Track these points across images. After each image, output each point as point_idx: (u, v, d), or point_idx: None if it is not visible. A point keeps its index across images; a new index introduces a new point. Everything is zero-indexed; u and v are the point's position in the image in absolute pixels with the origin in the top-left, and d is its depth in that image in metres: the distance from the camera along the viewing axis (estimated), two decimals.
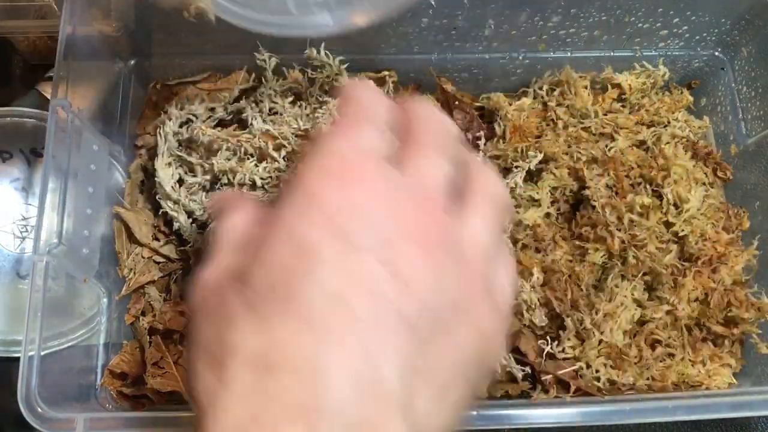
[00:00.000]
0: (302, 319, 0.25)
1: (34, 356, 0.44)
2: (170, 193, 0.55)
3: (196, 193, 0.56)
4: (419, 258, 0.26)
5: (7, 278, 0.58)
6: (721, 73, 0.66)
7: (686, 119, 0.65)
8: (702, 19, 0.62)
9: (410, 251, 0.26)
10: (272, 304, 0.25)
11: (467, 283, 0.28)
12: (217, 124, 0.62)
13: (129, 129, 0.60)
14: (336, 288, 0.25)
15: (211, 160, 0.55)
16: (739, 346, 0.58)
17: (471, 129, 0.64)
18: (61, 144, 0.48)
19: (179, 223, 0.55)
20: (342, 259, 0.25)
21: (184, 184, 0.56)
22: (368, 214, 0.26)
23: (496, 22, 0.61)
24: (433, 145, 0.30)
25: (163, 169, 0.56)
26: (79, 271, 0.51)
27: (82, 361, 0.52)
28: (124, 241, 0.58)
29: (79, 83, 0.50)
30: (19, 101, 0.64)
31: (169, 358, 0.54)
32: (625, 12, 0.60)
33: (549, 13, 0.60)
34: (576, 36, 0.63)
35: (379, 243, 0.26)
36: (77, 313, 0.52)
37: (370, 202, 0.26)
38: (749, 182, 0.63)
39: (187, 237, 0.56)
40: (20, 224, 0.60)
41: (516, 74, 0.67)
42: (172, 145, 0.57)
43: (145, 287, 0.57)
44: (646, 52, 0.65)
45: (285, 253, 0.26)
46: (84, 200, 0.51)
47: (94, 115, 0.53)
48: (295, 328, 0.25)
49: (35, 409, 0.43)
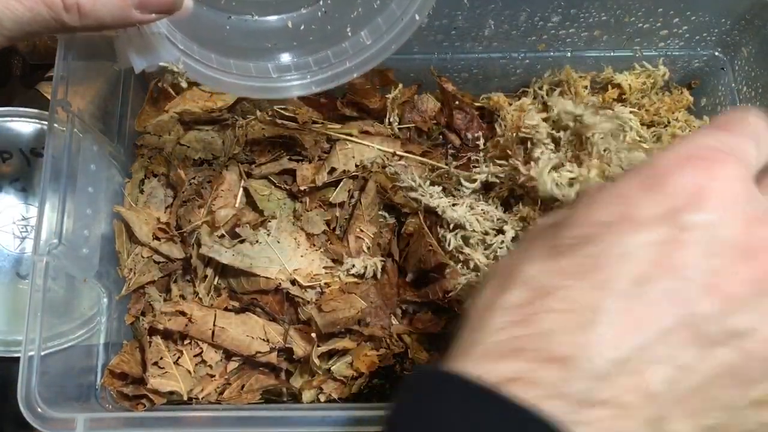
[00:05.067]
0: (594, 269, 0.25)
1: (34, 356, 0.44)
2: None
3: None
4: (747, 278, 0.25)
5: (7, 278, 0.58)
6: (721, 73, 0.66)
7: (686, 119, 0.65)
8: (702, 19, 0.62)
9: (740, 269, 0.25)
10: (575, 249, 0.26)
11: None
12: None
13: (129, 129, 0.60)
14: (642, 264, 0.25)
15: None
16: None
17: (471, 129, 0.64)
18: (61, 144, 0.48)
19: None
20: (663, 241, 0.25)
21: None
22: (712, 208, 0.25)
23: (496, 22, 0.61)
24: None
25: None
26: (79, 271, 0.51)
27: (82, 361, 0.52)
28: (124, 241, 0.58)
29: (79, 83, 0.50)
30: (19, 101, 0.64)
31: (169, 358, 0.54)
32: (625, 12, 0.60)
33: (549, 13, 0.60)
34: (576, 36, 0.63)
35: (709, 242, 0.25)
36: (77, 313, 0.52)
37: (716, 198, 0.25)
38: None
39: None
40: (20, 224, 0.60)
41: (516, 74, 0.67)
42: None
43: (145, 287, 0.57)
44: (646, 52, 0.65)
45: (609, 213, 0.26)
46: (84, 200, 0.51)
47: (94, 115, 0.53)
48: (584, 270, 0.25)
49: (35, 409, 0.43)
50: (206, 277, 0.57)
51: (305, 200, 0.59)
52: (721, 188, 0.25)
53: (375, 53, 0.47)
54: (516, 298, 0.26)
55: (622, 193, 0.27)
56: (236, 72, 0.46)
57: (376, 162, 0.60)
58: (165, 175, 0.60)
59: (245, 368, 0.56)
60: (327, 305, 0.54)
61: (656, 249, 0.25)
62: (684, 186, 0.25)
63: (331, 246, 0.57)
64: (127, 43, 0.41)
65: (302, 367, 0.55)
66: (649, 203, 0.26)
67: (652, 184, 0.26)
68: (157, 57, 0.41)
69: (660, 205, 0.25)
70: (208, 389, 0.54)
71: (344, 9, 0.47)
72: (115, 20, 0.34)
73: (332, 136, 0.61)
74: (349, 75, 0.48)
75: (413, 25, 0.46)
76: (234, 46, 0.46)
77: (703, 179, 0.26)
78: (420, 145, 0.62)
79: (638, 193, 0.26)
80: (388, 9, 0.46)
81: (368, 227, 0.57)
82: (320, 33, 0.47)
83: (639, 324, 0.24)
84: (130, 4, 0.33)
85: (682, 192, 0.25)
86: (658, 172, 0.26)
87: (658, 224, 0.25)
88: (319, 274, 0.56)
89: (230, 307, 0.57)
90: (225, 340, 0.54)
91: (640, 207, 0.26)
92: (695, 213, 0.25)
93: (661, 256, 0.25)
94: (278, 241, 0.57)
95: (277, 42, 0.47)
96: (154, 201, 0.59)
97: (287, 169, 0.60)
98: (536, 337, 0.25)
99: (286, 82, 0.48)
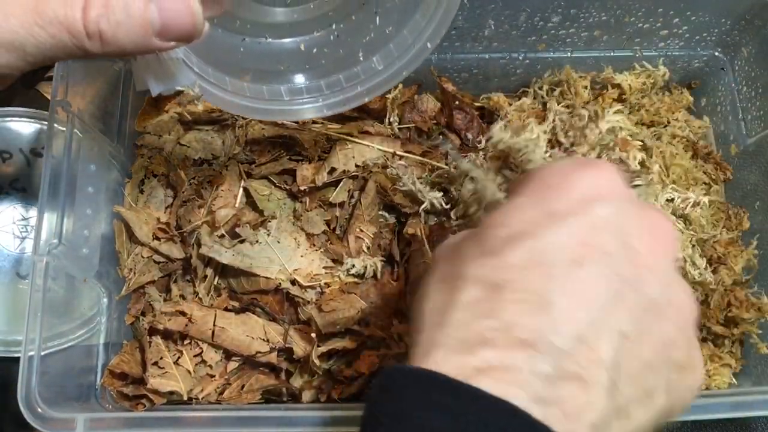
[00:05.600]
0: (535, 260, 0.28)
1: (34, 356, 0.44)
2: None
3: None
4: (654, 252, 0.29)
5: (7, 278, 0.58)
6: (721, 73, 0.66)
7: (686, 119, 0.65)
8: (702, 19, 0.62)
9: (649, 243, 0.29)
10: (511, 246, 0.29)
11: (682, 290, 0.30)
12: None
13: (129, 129, 0.60)
14: (574, 248, 0.28)
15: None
16: (739, 346, 0.58)
17: (471, 129, 0.64)
18: (61, 144, 0.48)
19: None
20: (582, 227, 0.28)
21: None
22: (613, 197, 0.30)
23: (496, 22, 0.61)
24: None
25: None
26: (79, 271, 0.51)
27: (82, 361, 0.52)
28: (124, 241, 0.58)
29: (79, 83, 0.50)
30: (19, 101, 0.64)
31: (169, 358, 0.54)
32: (625, 12, 0.60)
33: (549, 13, 0.60)
34: (576, 36, 0.63)
35: (617, 223, 0.29)
36: (77, 313, 0.52)
37: (612, 191, 0.30)
38: (749, 182, 0.63)
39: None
40: (20, 224, 0.60)
41: (516, 74, 0.67)
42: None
43: (145, 287, 0.57)
44: (646, 52, 0.65)
45: (533, 213, 0.29)
46: (84, 200, 0.51)
47: (94, 115, 0.53)
48: (527, 262, 0.28)
49: (35, 409, 0.43)
50: (206, 277, 0.57)
51: (305, 200, 0.59)
52: (613, 181, 0.31)
53: (386, 78, 0.48)
54: (470, 295, 0.28)
55: (537, 197, 0.30)
56: (250, 95, 0.47)
57: (376, 162, 0.60)
58: (165, 175, 0.60)
59: (245, 368, 0.56)
60: (327, 305, 0.54)
61: (579, 234, 0.28)
62: (585, 182, 0.30)
63: (331, 246, 0.57)
64: (145, 68, 0.41)
65: (302, 367, 0.55)
66: (562, 200, 0.30)
67: (559, 184, 0.31)
68: (174, 81, 0.42)
69: (571, 200, 0.30)
70: (208, 389, 0.54)
71: (356, 34, 0.47)
72: (136, 47, 0.34)
73: (332, 136, 0.61)
74: (361, 99, 0.49)
75: (425, 52, 0.47)
76: (248, 68, 0.47)
77: (598, 175, 0.31)
78: (420, 145, 0.62)
79: (550, 193, 0.30)
80: (400, 35, 0.47)
81: (368, 227, 0.57)
82: (332, 57, 0.48)
83: (584, 301, 0.27)
84: (151, 33, 0.34)
85: (585, 187, 0.30)
86: (560, 176, 0.31)
87: (574, 215, 0.29)
88: (319, 274, 0.56)
89: (230, 307, 0.57)
90: (225, 340, 0.54)
91: (555, 204, 0.30)
92: (601, 201, 0.29)
93: (584, 239, 0.28)
94: (278, 241, 0.57)
95: (289, 65, 0.48)
96: (154, 201, 0.59)
97: (287, 169, 0.60)
98: (500, 328, 0.27)
99: (299, 105, 0.48)
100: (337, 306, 0.54)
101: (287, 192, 0.60)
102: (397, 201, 0.58)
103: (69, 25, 0.32)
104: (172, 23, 0.34)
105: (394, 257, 0.58)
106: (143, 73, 0.41)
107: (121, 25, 0.33)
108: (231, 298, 0.57)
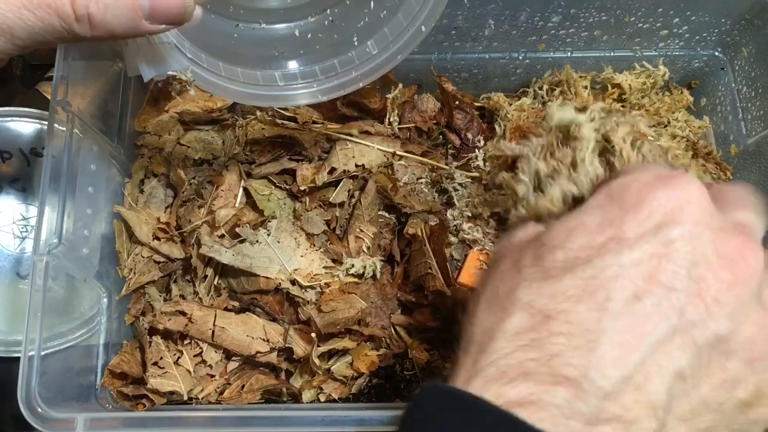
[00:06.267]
0: (591, 291, 0.26)
1: (34, 356, 0.44)
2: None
3: None
4: (726, 284, 0.27)
5: (7, 278, 0.58)
6: (721, 73, 0.66)
7: (686, 119, 0.65)
8: (702, 19, 0.62)
9: (721, 274, 0.27)
10: (568, 272, 0.27)
11: (760, 328, 0.28)
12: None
13: (129, 129, 0.60)
14: (637, 283, 0.26)
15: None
16: None
17: (471, 129, 0.64)
18: (61, 144, 0.48)
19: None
20: (651, 257, 0.26)
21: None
22: (688, 221, 0.27)
23: (496, 22, 0.61)
24: (743, 202, 0.31)
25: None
26: (79, 271, 0.51)
27: (82, 361, 0.52)
28: (124, 241, 0.58)
29: (79, 83, 0.50)
30: (19, 101, 0.64)
31: (169, 358, 0.54)
32: (625, 12, 0.60)
33: (549, 13, 0.60)
34: (576, 36, 0.63)
35: (689, 252, 0.26)
36: (77, 313, 0.52)
37: (689, 212, 0.27)
38: (749, 182, 0.63)
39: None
40: (20, 224, 0.60)
41: (516, 74, 0.67)
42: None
43: (145, 287, 0.57)
44: (646, 52, 0.65)
45: (596, 237, 0.27)
46: (84, 200, 0.51)
47: (94, 115, 0.53)
48: (582, 293, 0.26)
49: (35, 409, 0.43)
50: (206, 277, 0.57)
51: (305, 200, 0.59)
52: (692, 203, 0.28)
53: (381, 63, 0.47)
54: (518, 323, 0.27)
55: (606, 217, 0.28)
56: (243, 80, 0.47)
57: (376, 162, 0.60)
58: (165, 175, 0.60)
59: (245, 368, 0.56)
60: (327, 305, 0.54)
61: (645, 266, 0.26)
62: (660, 203, 0.27)
63: (331, 246, 0.57)
64: (136, 52, 0.41)
65: (302, 367, 0.55)
66: (632, 224, 0.27)
67: (631, 204, 0.28)
68: (166, 66, 0.41)
69: (642, 225, 0.27)
70: (208, 389, 0.54)
71: (351, 18, 0.47)
72: (125, 31, 0.34)
73: (332, 136, 0.61)
74: (355, 84, 0.48)
75: (419, 35, 0.46)
76: (242, 54, 0.47)
77: (676, 196, 0.27)
78: (420, 145, 0.62)
79: (620, 215, 0.28)
80: (395, 19, 0.46)
81: (368, 227, 0.57)
82: (327, 42, 0.48)
83: (637, 340, 0.25)
84: (140, 15, 0.34)
85: (661, 209, 0.27)
86: (633, 193, 0.28)
87: (644, 242, 0.27)
88: (319, 274, 0.56)
89: (230, 307, 0.57)
90: (225, 340, 0.54)
91: (624, 228, 0.27)
92: (674, 227, 0.27)
93: (649, 272, 0.26)
94: (278, 241, 0.57)
95: (284, 50, 0.47)
96: (154, 201, 0.59)
97: (287, 169, 0.60)
98: (543, 361, 0.25)
99: (293, 90, 0.48)
100: (337, 306, 0.54)
101: (287, 192, 0.60)
102: (397, 201, 0.58)
103: (58, 8, 0.32)
104: (162, 5, 0.34)
105: (394, 257, 0.58)
106: (135, 58, 0.41)
107: (110, 8, 0.33)
108: (231, 298, 0.57)
